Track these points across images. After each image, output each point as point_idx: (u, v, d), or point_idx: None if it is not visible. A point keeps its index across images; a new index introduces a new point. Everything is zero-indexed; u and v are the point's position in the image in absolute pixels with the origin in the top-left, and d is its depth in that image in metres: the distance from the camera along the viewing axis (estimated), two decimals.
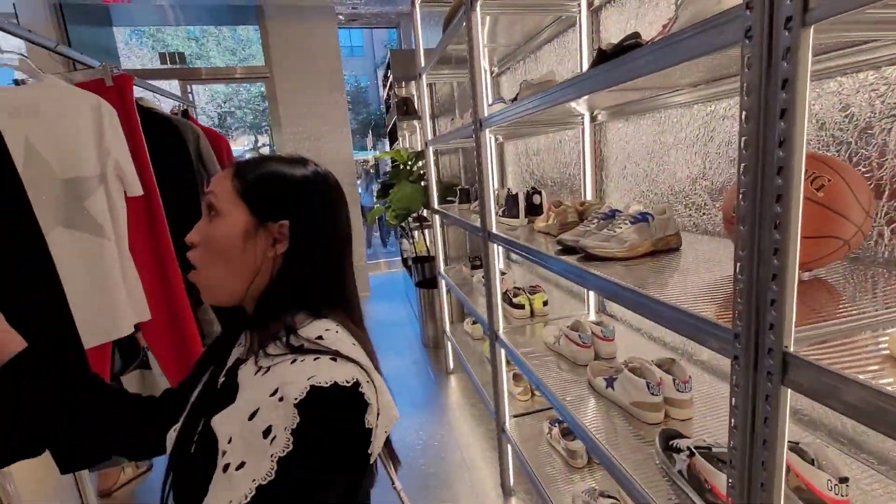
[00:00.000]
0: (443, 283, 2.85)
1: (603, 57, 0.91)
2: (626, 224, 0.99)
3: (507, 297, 1.91)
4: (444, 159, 4.27)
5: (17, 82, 1.32)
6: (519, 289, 1.94)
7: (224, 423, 0.51)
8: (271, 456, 0.47)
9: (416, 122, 5.07)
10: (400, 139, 5.45)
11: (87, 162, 1.17)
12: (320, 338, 0.56)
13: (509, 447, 1.79)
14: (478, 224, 1.78)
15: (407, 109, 4.91)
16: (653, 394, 1.01)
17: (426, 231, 3.96)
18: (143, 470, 2.24)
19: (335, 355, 0.53)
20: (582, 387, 1.26)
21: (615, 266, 0.93)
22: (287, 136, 4.65)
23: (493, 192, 1.69)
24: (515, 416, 1.84)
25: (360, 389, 0.52)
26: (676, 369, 1.07)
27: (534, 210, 1.76)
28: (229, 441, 0.49)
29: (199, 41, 15.93)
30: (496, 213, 1.76)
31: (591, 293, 1.79)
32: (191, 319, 1.50)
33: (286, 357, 0.53)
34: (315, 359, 0.52)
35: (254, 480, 0.46)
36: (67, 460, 0.66)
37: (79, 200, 1.15)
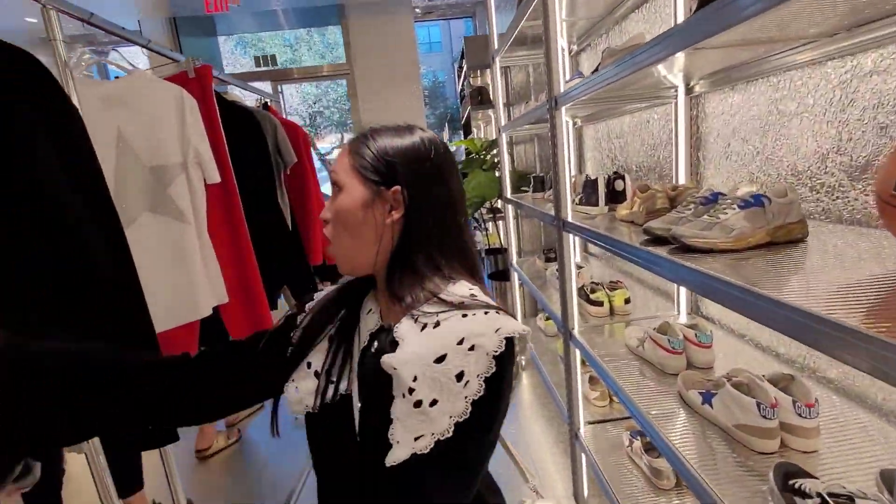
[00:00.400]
0: (515, 276, 2.73)
1: (706, 4, 0.75)
2: (733, 209, 0.82)
3: (583, 293, 1.75)
4: (519, 149, 4.10)
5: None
6: (597, 284, 1.77)
7: (405, 363, 0.55)
8: (465, 398, 0.53)
9: (490, 112, 4.95)
10: (474, 130, 5.36)
11: (170, 150, 1.24)
12: (473, 295, 0.60)
13: (583, 456, 1.65)
14: (551, 212, 1.64)
15: (481, 99, 4.80)
16: (765, 417, 0.83)
17: (499, 223, 3.84)
18: (233, 440, 2.42)
19: (498, 309, 0.58)
20: (670, 399, 1.09)
21: (717, 259, 0.76)
22: None
23: (570, 178, 1.55)
24: (591, 423, 1.69)
25: (518, 345, 0.57)
26: (797, 388, 0.87)
27: (616, 197, 1.58)
28: (414, 379, 0.54)
29: (293, 47, 17.17)
30: (572, 201, 1.61)
31: (682, 291, 1.57)
32: (265, 303, 1.55)
33: (451, 312, 0.57)
34: (485, 312, 0.57)
35: (451, 417, 0.53)
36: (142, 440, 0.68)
37: (163, 187, 1.23)
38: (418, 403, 0.53)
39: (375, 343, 0.64)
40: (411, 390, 0.54)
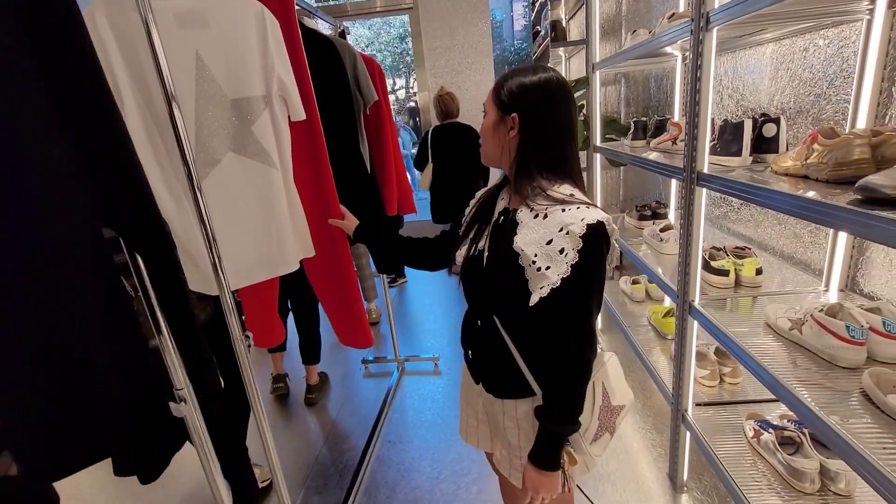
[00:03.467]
0: None
1: None
2: None
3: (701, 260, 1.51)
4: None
5: None
6: (717, 249, 1.52)
7: (528, 246, 0.83)
8: (566, 263, 0.80)
9: (560, 51, 4.48)
10: None
11: (253, 80, 1.08)
12: (572, 195, 0.85)
13: (688, 437, 1.49)
14: (675, 163, 1.39)
15: (555, 35, 4.34)
16: None
17: None
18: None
19: (590, 205, 0.84)
20: (850, 401, 0.88)
21: None
22: (429, 72, 4.48)
23: (710, 122, 1.27)
24: (699, 405, 1.51)
25: (608, 228, 0.83)
26: None
27: (763, 146, 1.30)
28: (535, 255, 0.82)
29: None
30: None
31: (837, 262, 1.30)
32: (348, 254, 1.44)
33: (556, 206, 0.84)
34: (578, 207, 0.82)
35: (558, 274, 0.80)
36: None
37: (247, 124, 1.08)
38: (539, 268, 0.81)
39: (502, 218, 0.94)
40: (533, 262, 0.82)
